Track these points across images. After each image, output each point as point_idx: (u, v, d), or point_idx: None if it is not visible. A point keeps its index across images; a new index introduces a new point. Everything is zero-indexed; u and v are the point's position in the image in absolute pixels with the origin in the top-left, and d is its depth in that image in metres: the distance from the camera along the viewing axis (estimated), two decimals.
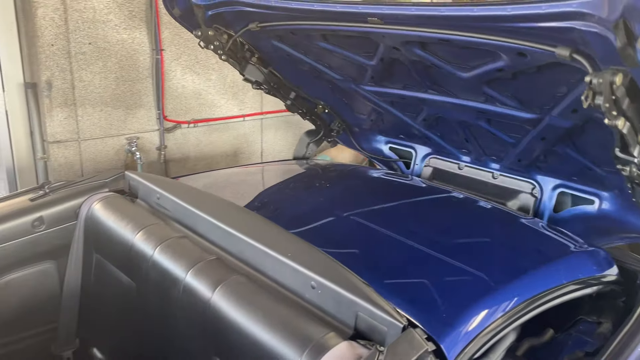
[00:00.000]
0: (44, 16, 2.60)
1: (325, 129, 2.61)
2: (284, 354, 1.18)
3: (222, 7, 1.97)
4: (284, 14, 1.85)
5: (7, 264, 1.86)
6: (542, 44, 1.35)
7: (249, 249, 1.50)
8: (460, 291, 1.40)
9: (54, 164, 2.81)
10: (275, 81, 2.33)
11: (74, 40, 2.72)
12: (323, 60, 2.12)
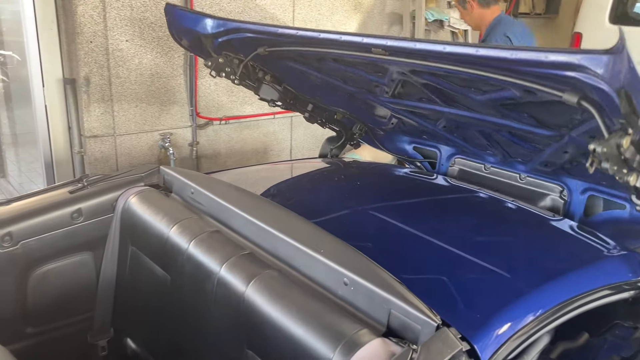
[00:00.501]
0: (84, 14, 2.67)
1: (346, 133, 2.61)
2: (317, 349, 1.19)
3: (228, 34, 2.01)
4: (290, 40, 1.87)
5: (47, 254, 1.92)
6: (549, 87, 1.32)
7: (281, 244, 1.52)
8: (493, 292, 1.40)
9: (90, 158, 2.89)
10: (291, 96, 2.34)
11: (112, 38, 2.78)
12: (336, 76, 2.12)
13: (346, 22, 3.72)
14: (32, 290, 1.92)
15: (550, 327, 1.34)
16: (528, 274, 1.47)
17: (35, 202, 1.94)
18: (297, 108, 2.42)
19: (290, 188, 2.25)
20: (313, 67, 2.10)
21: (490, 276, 1.47)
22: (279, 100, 2.33)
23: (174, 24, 2.23)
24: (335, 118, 2.51)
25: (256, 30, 1.93)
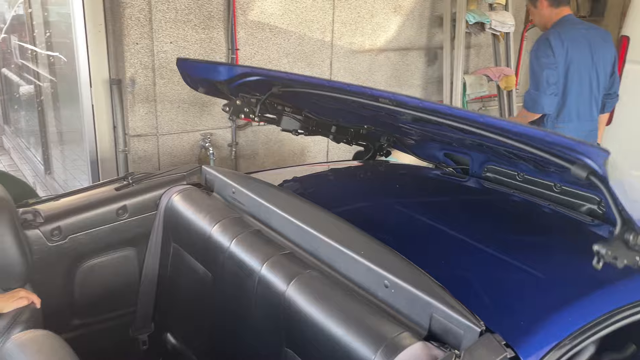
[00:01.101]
0: (131, 16, 2.74)
1: (374, 146, 2.59)
2: (358, 350, 1.20)
3: (241, 78, 2.06)
4: (300, 84, 1.92)
5: (94, 249, 1.98)
6: (558, 158, 1.29)
7: (322, 245, 1.53)
8: (537, 299, 1.37)
9: (134, 157, 2.96)
10: (312, 123, 2.34)
11: (157, 39, 2.85)
12: (353, 106, 2.11)
13: (385, 24, 3.72)
14: (79, 284, 1.98)
15: (596, 337, 1.30)
16: (574, 281, 1.44)
17: (83, 198, 2.01)
18: (321, 133, 2.42)
19: (329, 190, 2.26)
20: (329, 100, 2.10)
21: (534, 282, 1.45)
22: (301, 129, 2.34)
23: (188, 76, 2.33)
24: (360, 133, 2.49)
25: (267, 74, 2.02)
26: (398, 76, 3.91)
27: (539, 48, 3.11)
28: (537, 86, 3.08)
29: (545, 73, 3.05)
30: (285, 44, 3.30)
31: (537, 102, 3.09)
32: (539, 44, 3.12)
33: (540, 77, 3.06)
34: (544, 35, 3.12)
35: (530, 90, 3.13)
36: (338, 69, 3.58)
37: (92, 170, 3.13)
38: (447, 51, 3.85)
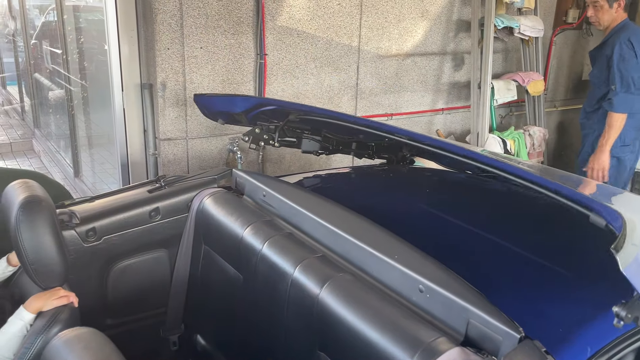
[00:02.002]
0: (163, 22, 2.79)
1: (397, 157, 2.59)
2: (394, 355, 1.19)
3: (258, 108, 2.15)
4: (314, 113, 2.05)
5: (127, 250, 2.01)
6: (578, 204, 1.37)
7: (354, 249, 1.53)
8: (576, 306, 1.35)
9: (164, 160, 3.01)
10: (332, 142, 2.36)
11: (187, 45, 2.89)
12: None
13: (412, 29, 3.71)
14: (112, 284, 2.02)
15: (635, 346, 1.28)
16: (613, 289, 1.41)
17: (116, 200, 2.04)
18: (341, 150, 2.44)
19: (359, 193, 2.26)
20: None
21: (573, 289, 1.43)
22: (321, 149, 2.37)
23: (207, 109, 2.40)
24: (382, 145, 2.50)
25: (281, 104, 2.13)
26: (425, 81, 3.90)
27: (624, 48, 3.35)
28: (628, 87, 3.35)
29: (634, 73, 3.33)
30: (312, 49, 3.32)
31: (631, 104, 3.37)
32: (623, 44, 3.35)
33: (628, 77, 3.33)
34: (621, 40, 3.36)
35: (619, 92, 3.34)
36: (365, 73, 3.58)
37: (122, 173, 3.18)
38: (476, 56, 3.82)
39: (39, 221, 1.48)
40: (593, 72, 3.61)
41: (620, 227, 1.11)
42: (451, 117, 4.13)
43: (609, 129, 3.37)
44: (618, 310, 1.08)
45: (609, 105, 3.37)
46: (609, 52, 3.37)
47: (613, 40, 3.40)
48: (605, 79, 3.45)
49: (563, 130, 4.96)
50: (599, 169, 3.43)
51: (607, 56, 3.40)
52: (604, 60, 3.44)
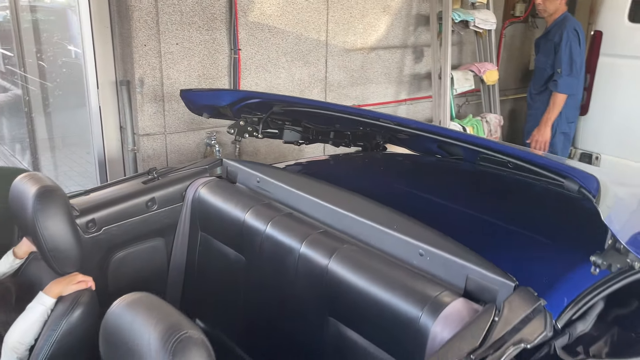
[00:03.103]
0: (139, 19, 2.83)
1: (371, 144, 2.75)
2: (405, 310, 1.34)
3: (242, 101, 2.24)
4: (297, 104, 2.15)
5: (126, 240, 2.07)
6: (552, 172, 1.51)
7: (354, 224, 1.67)
8: (552, 262, 1.54)
9: (143, 155, 3.05)
10: (312, 132, 2.50)
11: (164, 41, 2.94)
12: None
13: (376, 24, 3.88)
14: (112, 273, 2.07)
15: (605, 293, 1.47)
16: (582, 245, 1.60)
17: (113, 192, 2.10)
18: (321, 140, 2.58)
19: (342, 176, 2.39)
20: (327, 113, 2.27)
21: (550, 247, 1.61)
22: (302, 139, 2.51)
23: (193, 104, 2.48)
24: (357, 134, 2.66)
25: (266, 97, 2.22)
26: (388, 73, 4.08)
27: (572, 37, 3.75)
28: (572, 71, 3.75)
29: (578, 59, 3.76)
30: (283, 43, 3.43)
31: (573, 86, 3.81)
32: (570, 33, 3.75)
33: (573, 62, 3.74)
34: (568, 30, 3.75)
35: (564, 75, 3.74)
36: (333, 66, 3.73)
37: (99, 171, 3.20)
38: (435, 48, 4.04)
39: (55, 209, 1.54)
40: (539, 58, 4.00)
41: (597, 188, 1.29)
42: (414, 107, 4.33)
43: (552, 106, 3.80)
44: (595, 258, 1.26)
45: (555, 86, 3.77)
46: (557, 40, 3.73)
47: (558, 30, 3.80)
48: (551, 64, 3.83)
49: (515, 117, 5.27)
50: (542, 141, 3.94)
51: (554, 43, 3.76)
52: (550, 47, 3.81)
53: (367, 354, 1.46)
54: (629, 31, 4.04)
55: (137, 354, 0.98)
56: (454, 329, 1.22)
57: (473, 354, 1.08)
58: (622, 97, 4.12)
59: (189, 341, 0.95)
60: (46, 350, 1.46)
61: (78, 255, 1.59)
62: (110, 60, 3.03)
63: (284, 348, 1.74)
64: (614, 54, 4.10)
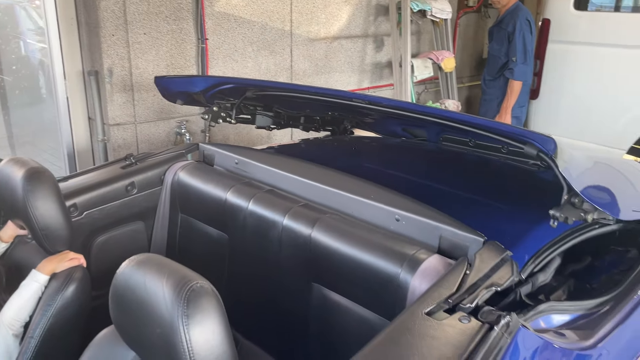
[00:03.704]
0: (106, 8, 2.85)
1: (339, 128, 2.88)
2: (385, 269, 1.45)
3: (216, 87, 2.29)
4: (270, 88, 2.20)
5: (107, 223, 2.11)
6: (513, 139, 1.64)
7: (333, 196, 1.77)
8: (513, 223, 1.69)
9: (113, 145, 3.07)
10: (283, 117, 2.59)
11: (131, 31, 2.97)
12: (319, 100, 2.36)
13: (338, 14, 3.99)
14: (95, 257, 2.11)
15: (560, 250, 1.64)
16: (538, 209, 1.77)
17: (92, 177, 2.13)
18: (291, 125, 2.67)
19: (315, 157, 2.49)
20: (300, 97, 2.34)
21: (511, 212, 1.77)
22: (274, 124, 2.59)
23: (167, 91, 2.51)
24: (326, 120, 2.76)
25: (239, 82, 2.26)
26: (351, 62, 4.20)
27: (524, 27, 3.93)
28: (525, 59, 3.96)
29: (530, 47, 3.98)
30: (249, 33, 3.50)
31: (527, 73, 4.02)
32: (523, 23, 3.94)
33: (526, 50, 3.97)
34: (521, 20, 3.93)
35: (519, 63, 3.94)
36: (298, 56, 3.82)
37: (68, 162, 3.19)
38: (395, 37, 4.19)
39: (45, 190, 1.59)
40: (492, 46, 4.21)
41: (554, 149, 1.43)
42: (376, 95, 4.48)
43: (510, 94, 4.00)
44: (553, 212, 1.40)
45: (511, 74, 3.97)
46: (510, 29, 3.93)
47: (511, 19, 4.00)
48: (505, 52, 4.03)
49: (470, 103, 5.51)
50: None
51: (507, 32, 3.97)
52: (504, 36, 4.02)
53: (351, 314, 1.57)
54: (575, 19, 4.30)
55: (153, 307, 1.06)
56: (431, 281, 1.34)
57: (450, 298, 1.20)
58: (570, 80, 4.39)
59: (201, 290, 1.04)
60: (43, 325, 1.51)
61: (69, 234, 1.64)
62: (77, 50, 3.03)
63: (270, 317, 1.83)
64: (562, 41, 4.36)
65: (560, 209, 1.40)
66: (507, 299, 1.40)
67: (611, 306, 1.48)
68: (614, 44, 4.09)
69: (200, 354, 1.01)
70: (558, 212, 1.39)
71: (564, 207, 1.41)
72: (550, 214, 1.41)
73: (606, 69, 4.17)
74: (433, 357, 1.03)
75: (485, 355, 1.03)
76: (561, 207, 1.40)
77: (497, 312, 1.14)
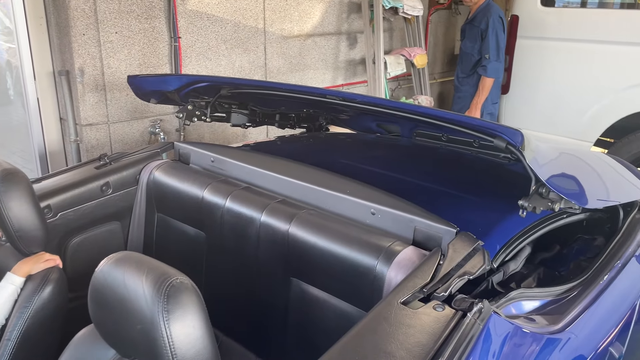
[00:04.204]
0: (76, 7, 2.82)
1: (314, 125, 2.90)
2: (362, 261, 1.48)
3: (190, 86, 2.29)
4: (244, 86, 2.19)
5: (82, 224, 2.10)
6: (483, 133, 1.69)
7: (309, 192, 1.79)
8: (484, 214, 1.74)
9: (86, 146, 3.03)
10: (258, 115, 2.60)
11: (103, 30, 2.94)
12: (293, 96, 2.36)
13: (311, 11, 4.01)
14: (70, 258, 2.09)
15: (531, 239, 1.69)
16: (508, 201, 1.82)
17: (66, 178, 2.11)
18: (267, 122, 2.68)
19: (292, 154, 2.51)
20: (271, 94, 2.34)
21: (482, 204, 1.82)
22: (249, 122, 2.59)
23: (140, 90, 2.49)
24: (301, 117, 2.78)
25: (213, 80, 2.26)
26: (325, 59, 4.23)
27: (497, 24, 4.00)
28: (498, 56, 4.04)
29: (503, 44, 4.06)
30: (222, 31, 3.50)
31: (500, 70, 4.10)
32: (495, 20, 4.00)
33: (499, 48, 4.05)
34: (494, 17, 3.99)
35: (492, 61, 4.01)
36: (272, 53, 3.83)
37: (40, 164, 3.15)
38: (368, 34, 4.23)
39: (19, 190, 1.57)
40: (465, 44, 4.25)
41: (521, 141, 1.48)
42: (351, 91, 4.51)
43: (482, 90, 4.06)
44: (522, 202, 1.45)
45: (484, 71, 4.02)
46: (483, 27, 4.00)
47: (484, 17, 4.07)
48: (478, 49, 4.09)
49: (443, 99, 5.59)
50: None
51: (480, 30, 4.03)
52: (477, 33, 4.07)
53: (330, 307, 1.60)
54: (542, 15, 4.41)
55: (133, 304, 1.06)
56: (407, 272, 1.38)
57: (425, 288, 1.24)
58: (538, 75, 4.49)
59: (180, 285, 1.05)
60: (20, 327, 1.50)
61: (44, 235, 1.63)
62: (47, 50, 2.98)
63: (250, 313, 1.85)
64: (530, 36, 4.46)
65: (528, 199, 1.45)
66: (479, 288, 1.45)
67: (579, 291, 1.54)
68: (580, 40, 4.20)
69: (182, 349, 1.03)
70: (526, 202, 1.44)
71: (532, 198, 1.45)
72: (519, 204, 1.46)
73: (573, 63, 4.28)
74: (409, 344, 1.06)
75: (459, 340, 1.07)
76: (529, 198, 1.45)
77: (470, 300, 1.18)
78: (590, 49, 4.18)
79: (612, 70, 4.07)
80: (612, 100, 4.11)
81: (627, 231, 1.89)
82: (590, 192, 1.66)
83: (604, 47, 4.11)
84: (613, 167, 2.09)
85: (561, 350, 1.35)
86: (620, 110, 4.07)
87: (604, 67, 4.12)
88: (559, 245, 1.90)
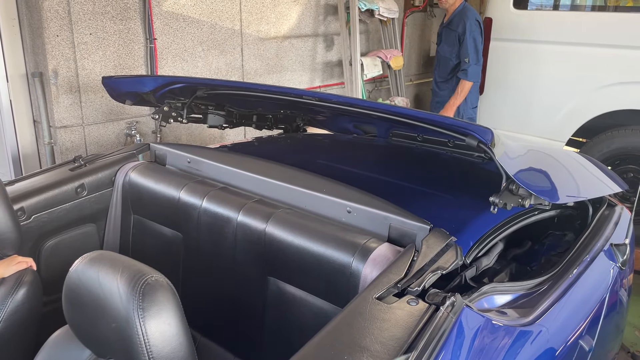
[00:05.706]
0: (49, 9, 2.78)
1: (292, 126, 2.92)
2: (338, 259, 1.50)
3: (166, 87, 2.28)
4: (221, 87, 2.19)
5: (57, 227, 2.07)
6: (455, 132, 1.73)
7: (286, 191, 1.81)
8: (457, 212, 1.78)
9: (61, 148, 3.00)
10: (235, 116, 2.60)
11: (77, 31, 2.91)
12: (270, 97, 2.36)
13: (287, 13, 4.03)
14: (45, 262, 2.07)
15: (503, 235, 1.73)
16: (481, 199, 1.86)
17: (40, 180, 2.09)
18: (244, 123, 2.68)
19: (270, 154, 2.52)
20: (248, 95, 2.33)
21: (455, 202, 1.85)
22: (226, 123, 2.59)
23: (115, 91, 2.46)
24: (278, 118, 2.79)
25: (189, 81, 2.25)
26: (302, 61, 4.24)
27: (474, 28, 4.01)
28: (478, 60, 4.06)
29: (480, 47, 4.08)
30: (198, 33, 3.49)
31: (479, 74, 4.13)
32: (473, 24, 4.01)
33: (478, 52, 4.06)
34: (470, 21, 4.00)
35: (472, 64, 4.02)
36: (249, 55, 3.83)
37: (14, 167, 3.10)
38: (344, 36, 4.26)
39: None
40: (443, 48, 4.25)
41: (491, 138, 1.52)
42: (327, 92, 4.54)
43: (460, 93, 4.09)
44: (493, 199, 1.49)
45: (464, 75, 4.05)
46: (460, 30, 4.03)
47: (460, 20, 4.09)
48: (456, 53, 4.11)
49: (419, 101, 5.66)
50: None
51: (457, 34, 4.06)
52: (454, 37, 4.10)
53: (307, 305, 1.61)
54: (515, 17, 4.50)
55: (108, 302, 1.06)
56: (382, 269, 1.40)
57: (399, 283, 1.26)
58: (512, 77, 4.58)
59: (156, 283, 1.05)
60: None
61: (17, 238, 1.61)
62: (20, 52, 2.94)
63: (227, 313, 1.85)
64: (503, 38, 4.54)
65: (499, 196, 1.48)
66: (453, 283, 1.48)
67: (549, 285, 1.58)
68: (553, 42, 4.30)
69: (157, 346, 1.03)
70: (497, 198, 1.48)
71: (503, 194, 1.49)
72: (490, 200, 1.49)
73: (546, 65, 4.38)
74: (384, 337, 1.08)
75: (432, 333, 1.09)
76: (500, 194, 1.49)
77: (443, 294, 1.20)
78: (562, 50, 4.28)
79: (583, 71, 4.18)
80: (583, 100, 4.21)
81: (596, 227, 1.94)
82: (560, 189, 1.70)
83: (575, 48, 4.21)
84: (582, 164, 2.15)
85: (532, 343, 1.38)
86: (591, 111, 4.17)
87: (576, 68, 4.22)
88: (530, 241, 1.95)
